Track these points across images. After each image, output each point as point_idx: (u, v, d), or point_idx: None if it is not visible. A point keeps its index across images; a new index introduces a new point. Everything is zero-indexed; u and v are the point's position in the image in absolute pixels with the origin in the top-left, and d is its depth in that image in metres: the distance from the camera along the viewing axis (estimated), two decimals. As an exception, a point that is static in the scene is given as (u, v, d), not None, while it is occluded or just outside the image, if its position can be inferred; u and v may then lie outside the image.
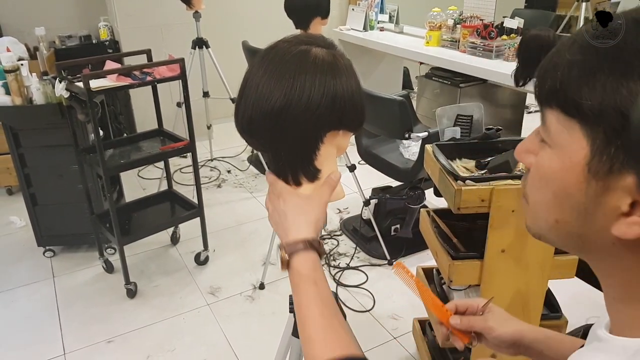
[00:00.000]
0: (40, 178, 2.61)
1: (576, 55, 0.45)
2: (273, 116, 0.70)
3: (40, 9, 3.95)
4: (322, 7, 2.42)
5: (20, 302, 2.48)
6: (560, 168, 0.47)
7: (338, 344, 0.66)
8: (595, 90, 0.43)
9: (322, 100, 0.69)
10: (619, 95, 0.41)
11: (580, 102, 0.44)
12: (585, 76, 0.44)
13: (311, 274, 0.70)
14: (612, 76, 0.42)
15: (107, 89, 2.25)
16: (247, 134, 0.76)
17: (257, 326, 2.30)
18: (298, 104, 0.69)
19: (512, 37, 3.19)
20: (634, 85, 0.41)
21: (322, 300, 0.69)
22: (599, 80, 0.42)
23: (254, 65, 0.74)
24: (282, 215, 0.76)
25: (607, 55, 0.43)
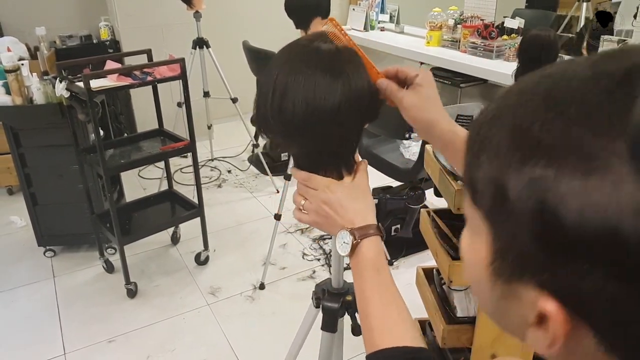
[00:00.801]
0: (40, 178, 2.61)
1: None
2: (334, 112, 0.71)
3: (41, 9, 3.95)
4: (323, 7, 2.42)
5: (20, 301, 2.48)
6: (471, 257, 0.42)
7: (392, 336, 0.66)
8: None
9: (368, 95, 0.74)
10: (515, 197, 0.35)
11: (476, 195, 0.38)
12: (477, 160, 0.38)
13: (376, 260, 0.71)
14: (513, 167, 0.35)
15: (108, 89, 2.26)
16: (299, 134, 0.74)
17: (258, 326, 2.30)
18: (357, 99, 0.72)
19: (513, 37, 3.19)
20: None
21: (383, 288, 0.70)
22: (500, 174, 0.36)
23: (281, 65, 0.73)
24: (337, 205, 0.75)
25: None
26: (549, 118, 0.34)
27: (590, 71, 0.34)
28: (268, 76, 0.73)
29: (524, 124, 0.35)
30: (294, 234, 2.98)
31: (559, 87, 0.35)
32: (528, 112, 0.35)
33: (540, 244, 0.34)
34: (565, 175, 0.32)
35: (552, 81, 0.36)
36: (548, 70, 0.38)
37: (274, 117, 0.73)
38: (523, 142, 0.35)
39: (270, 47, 3.01)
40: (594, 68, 0.34)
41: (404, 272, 2.58)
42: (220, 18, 4.13)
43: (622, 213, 0.29)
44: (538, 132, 0.34)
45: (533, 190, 0.33)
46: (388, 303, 0.69)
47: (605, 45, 2.59)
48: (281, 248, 2.83)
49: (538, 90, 0.36)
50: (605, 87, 0.32)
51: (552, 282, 0.34)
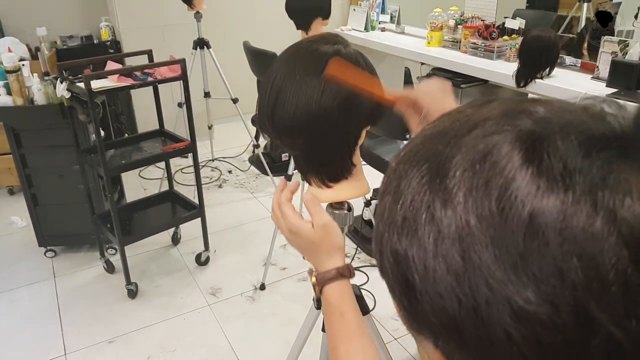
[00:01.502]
0: (41, 178, 2.61)
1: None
2: (325, 116, 0.71)
3: (42, 10, 3.95)
4: (323, 8, 2.42)
5: (21, 302, 2.48)
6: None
7: None
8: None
9: (366, 101, 0.74)
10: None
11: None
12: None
13: (340, 303, 0.72)
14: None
15: (109, 90, 2.26)
16: (289, 135, 0.75)
17: (258, 327, 2.30)
18: (353, 104, 0.72)
19: (514, 37, 3.19)
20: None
21: (347, 334, 0.71)
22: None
23: (284, 67, 0.73)
24: (300, 250, 0.77)
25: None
26: (423, 192, 0.33)
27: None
28: (268, 77, 0.74)
29: (401, 192, 0.35)
30: (294, 234, 2.98)
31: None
32: (406, 178, 0.35)
33: (411, 317, 0.35)
34: (423, 259, 0.32)
35: (435, 146, 0.35)
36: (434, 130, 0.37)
37: (269, 118, 0.73)
38: (398, 210, 0.34)
39: (270, 47, 3.01)
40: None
41: (404, 272, 2.58)
42: (221, 19, 4.13)
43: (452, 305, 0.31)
44: (409, 204, 0.34)
45: (399, 266, 0.34)
46: (355, 351, 0.70)
47: (606, 46, 2.59)
48: (282, 248, 2.83)
49: (421, 155, 0.35)
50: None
51: (435, 344, 0.35)
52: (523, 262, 0.28)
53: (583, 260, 0.27)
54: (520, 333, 0.29)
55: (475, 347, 0.31)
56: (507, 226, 0.29)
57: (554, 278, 0.28)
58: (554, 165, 0.29)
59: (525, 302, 0.28)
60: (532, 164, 0.29)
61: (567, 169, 0.29)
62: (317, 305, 1.16)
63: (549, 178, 0.29)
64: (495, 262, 0.29)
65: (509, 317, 0.29)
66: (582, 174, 0.28)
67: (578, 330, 0.27)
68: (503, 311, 0.29)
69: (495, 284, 0.29)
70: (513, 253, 0.29)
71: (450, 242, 0.31)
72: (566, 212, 0.28)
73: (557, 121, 0.31)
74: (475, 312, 0.30)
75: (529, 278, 0.28)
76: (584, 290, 0.27)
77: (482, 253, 0.29)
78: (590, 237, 0.27)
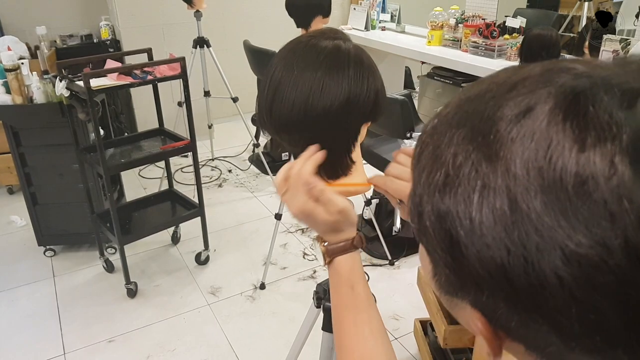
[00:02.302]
0: (40, 177, 2.60)
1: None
2: (332, 111, 0.70)
3: (42, 8, 3.95)
4: (323, 6, 2.41)
5: (20, 301, 2.47)
6: (422, 264, 0.42)
7: (363, 356, 0.66)
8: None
9: (370, 94, 0.72)
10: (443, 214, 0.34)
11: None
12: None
13: (350, 276, 0.70)
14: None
15: (108, 88, 2.25)
16: (287, 131, 0.73)
17: (258, 326, 2.29)
18: (351, 100, 0.70)
19: (515, 36, 3.18)
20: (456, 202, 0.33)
21: (356, 306, 0.69)
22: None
23: (282, 62, 0.72)
24: (310, 222, 0.72)
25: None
26: (465, 150, 0.33)
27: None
28: (267, 73, 0.73)
29: (441, 152, 0.35)
30: (294, 233, 2.98)
31: (475, 114, 0.35)
32: (446, 139, 0.35)
33: (454, 273, 0.35)
34: (468, 213, 0.32)
35: (474, 107, 0.35)
36: (481, 88, 0.37)
37: (267, 113, 0.72)
38: (438, 169, 0.35)
39: (270, 46, 3.01)
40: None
41: (405, 272, 2.57)
42: (221, 17, 4.13)
43: (509, 253, 0.31)
44: (451, 162, 0.34)
45: (441, 224, 0.34)
46: (362, 322, 0.68)
47: (607, 45, 2.58)
48: (282, 248, 2.82)
49: (459, 117, 0.36)
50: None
51: (476, 303, 0.35)
52: (573, 207, 0.29)
53: (633, 202, 0.28)
54: (572, 276, 0.29)
55: (525, 294, 0.31)
56: (556, 174, 0.29)
57: (605, 220, 0.28)
58: (599, 116, 0.29)
59: (577, 246, 0.29)
60: (576, 116, 0.30)
61: (612, 118, 0.29)
62: (317, 304, 1.15)
63: (596, 128, 0.29)
64: (545, 208, 0.29)
65: (561, 262, 0.29)
66: (628, 123, 0.29)
67: (629, 269, 0.28)
68: (554, 256, 0.29)
69: (545, 230, 0.29)
70: (562, 198, 0.29)
71: (496, 193, 0.31)
72: (614, 159, 0.28)
73: (598, 74, 0.31)
74: (525, 259, 0.30)
75: (579, 222, 0.29)
76: (635, 231, 0.28)
77: (530, 201, 0.30)
78: (638, 180, 0.28)
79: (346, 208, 0.71)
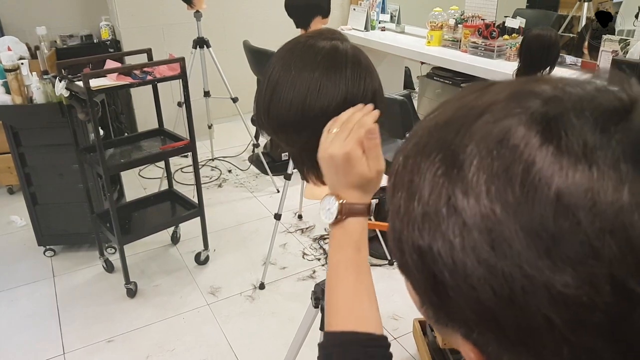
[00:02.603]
0: (40, 177, 2.61)
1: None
2: (329, 111, 0.70)
3: (42, 9, 3.95)
4: (323, 7, 2.41)
5: (20, 301, 2.48)
6: (408, 291, 0.41)
7: (359, 318, 0.65)
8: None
9: (367, 94, 0.72)
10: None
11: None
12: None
13: (359, 238, 0.69)
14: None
15: (108, 88, 2.25)
16: (285, 131, 0.74)
17: (257, 326, 2.29)
18: (354, 99, 0.71)
19: (514, 36, 3.18)
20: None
21: (359, 269, 0.68)
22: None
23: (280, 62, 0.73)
24: (348, 177, 0.69)
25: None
26: (440, 184, 0.32)
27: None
28: (265, 73, 0.73)
29: (417, 186, 0.33)
30: (294, 233, 2.98)
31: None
32: (420, 171, 0.34)
33: (442, 311, 0.34)
34: (450, 254, 0.31)
35: (444, 136, 0.34)
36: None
37: (265, 113, 0.73)
38: (415, 205, 0.33)
39: (270, 46, 3.01)
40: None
41: (404, 272, 2.58)
42: (220, 18, 4.13)
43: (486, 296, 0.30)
44: (427, 197, 0.33)
45: (424, 262, 0.33)
46: (361, 284, 0.67)
47: (607, 45, 2.58)
48: (281, 248, 2.83)
49: (430, 147, 0.34)
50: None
51: (467, 337, 0.34)
52: (556, 246, 0.28)
53: (615, 235, 0.27)
54: (560, 317, 0.28)
55: (514, 335, 0.30)
56: (535, 210, 0.28)
57: (590, 257, 0.27)
58: (573, 143, 0.28)
59: (563, 286, 0.28)
60: (550, 144, 0.29)
61: (587, 145, 0.28)
62: (315, 304, 1.16)
63: (571, 156, 0.28)
64: (528, 248, 0.28)
65: (548, 303, 0.28)
66: (603, 149, 0.28)
67: (618, 306, 0.27)
68: (541, 297, 0.28)
69: (530, 271, 0.28)
70: (545, 237, 0.28)
71: (477, 232, 0.30)
72: (593, 188, 0.27)
73: (568, 99, 0.30)
74: (512, 301, 0.29)
75: (564, 261, 0.28)
76: (620, 265, 0.27)
77: (512, 241, 0.29)
78: (619, 210, 0.27)
79: (383, 172, 0.70)
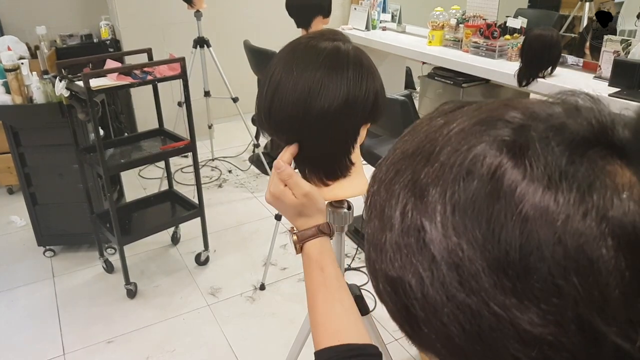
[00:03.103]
0: (40, 177, 2.60)
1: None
2: (331, 112, 0.70)
3: (42, 8, 3.94)
4: (324, 6, 2.41)
5: (20, 301, 2.47)
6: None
7: (335, 332, 0.68)
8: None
9: (368, 95, 0.73)
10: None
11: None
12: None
13: (319, 258, 0.74)
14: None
15: (108, 88, 2.24)
16: (286, 131, 0.75)
17: (258, 327, 2.29)
18: (355, 99, 0.71)
19: (515, 36, 3.17)
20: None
21: (326, 286, 0.72)
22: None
23: (282, 63, 0.72)
24: (283, 211, 0.79)
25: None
26: (410, 216, 0.32)
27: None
28: (266, 73, 0.73)
29: (388, 216, 0.33)
30: (294, 234, 2.97)
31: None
32: (391, 201, 0.33)
33: (416, 342, 0.34)
34: (420, 288, 0.31)
35: (412, 166, 0.33)
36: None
37: (266, 113, 0.72)
38: (386, 235, 0.33)
39: (271, 46, 3.00)
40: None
41: (405, 272, 2.57)
42: (221, 17, 4.12)
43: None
44: (398, 229, 0.32)
45: (396, 293, 0.33)
46: (333, 300, 0.72)
47: (608, 46, 2.57)
48: (282, 248, 2.82)
49: (399, 177, 0.34)
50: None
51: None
52: (522, 283, 0.27)
53: (580, 272, 0.26)
54: (527, 356, 0.28)
55: None
56: (501, 246, 0.28)
57: (554, 297, 0.27)
58: (539, 175, 0.28)
59: (530, 325, 0.27)
60: (518, 173, 0.28)
61: (552, 178, 0.27)
62: None
63: (537, 187, 0.27)
64: (494, 286, 0.28)
65: (515, 341, 0.28)
66: (568, 180, 0.27)
67: (586, 346, 0.27)
68: (508, 335, 0.28)
69: (498, 309, 0.28)
70: (510, 274, 0.27)
71: (446, 268, 0.29)
72: (557, 223, 0.27)
73: (536, 127, 0.30)
74: (480, 339, 0.29)
75: (530, 299, 0.27)
76: (585, 305, 0.26)
77: (479, 279, 0.28)
78: (584, 244, 0.26)
79: (311, 192, 0.76)
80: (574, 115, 0.30)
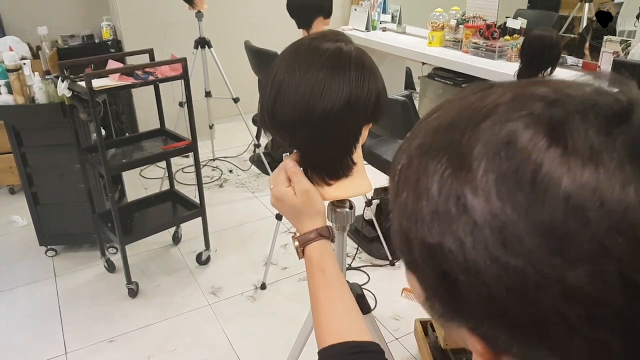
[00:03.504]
0: (42, 177, 2.61)
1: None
2: (333, 112, 0.71)
3: (43, 9, 3.95)
4: (325, 7, 2.41)
5: (21, 301, 2.48)
6: (412, 287, 0.42)
7: (338, 331, 0.70)
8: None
9: (370, 96, 0.74)
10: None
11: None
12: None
13: (320, 260, 0.76)
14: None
15: (109, 89, 2.25)
16: (289, 132, 0.76)
17: (258, 326, 2.29)
18: (357, 100, 0.72)
19: (515, 37, 3.18)
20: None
21: (328, 286, 0.74)
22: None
23: (284, 64, 0.73)
24: (284, 213, 0.81)
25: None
26: (449, 185, 0.33)
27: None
28: (269, 74, 0.74)
29: (425, 186, 0.34)
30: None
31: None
32: (427, 171, 0.34)
33: (451, 307, 0.35)
34: (461, 252, 0.32)
35: (450, 137, 0.35)
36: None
37: (269, 114, 0.73)
38: (424, 204, 0.34)
39: (272, 47, 3.01)
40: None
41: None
42: (222, 18, 4.13)
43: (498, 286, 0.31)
44: (436, 197, 0.33)
45: (433, 259, 0.34)
46: (334, 300, 0.73)
47: (608, 46, 2.58)
48: (282, 248, 2.83)
49: (436, 147, 0.35)
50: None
51: (475, 331, 0.35)
52: (567, 244, 0.29)
53: (623, 233, 0.28)
54: (572, 311, 0.29)
55: (526, 328, 0.31)
56: (545, 210, 0.29)
57: (600, 255, 0.28)
58: (579, 146, 0.29)
59: (576, 282, 0.29)
60: (557, 146, 0.30)
61: (593, 147, 0.29)
62: None
63: (578, 158, 0.29)
64: (539, 247, 0.29)
65: (560, 298, 0.29)
66: (608, 150, 0.29)
67: (628, 302, 0.28)
68: (554, 292, 0.29)
69: (543, 268, 0.29)
70: (556, 236, 0.29)
71: (489, 231, 0.30)
72: (600, 188, 0.28)
73: (570, 102, 0.31)
74: (525, 297, 0.30)
75: (575, 258, 0.29)
76: (628, 262, 0.28)
77: (524, 239, 0.29)
78: (626, 209, 0.28)
79: (311, 192, 0.78)
80: (604, 93, 0.32)
